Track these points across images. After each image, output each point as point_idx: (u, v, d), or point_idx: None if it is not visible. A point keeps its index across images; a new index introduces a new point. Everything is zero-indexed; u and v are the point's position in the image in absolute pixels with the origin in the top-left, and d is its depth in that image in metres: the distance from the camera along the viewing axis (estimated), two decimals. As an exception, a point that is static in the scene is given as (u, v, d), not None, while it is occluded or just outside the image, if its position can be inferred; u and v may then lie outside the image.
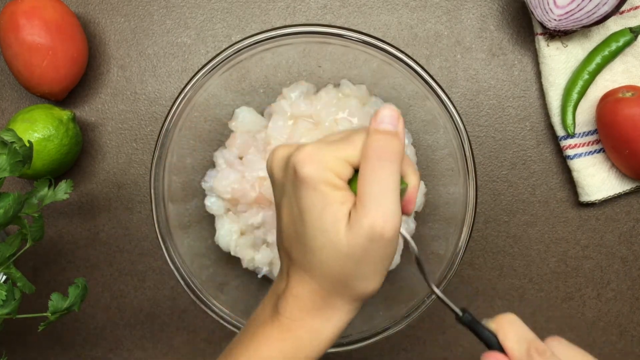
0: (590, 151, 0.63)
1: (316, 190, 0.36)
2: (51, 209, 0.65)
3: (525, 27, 0.64)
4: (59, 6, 0.60)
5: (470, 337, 0.39)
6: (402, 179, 0.40)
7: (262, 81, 0.60)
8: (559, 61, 0.63)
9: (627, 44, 0.61)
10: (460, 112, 0.63)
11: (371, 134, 0.38)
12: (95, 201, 0.65)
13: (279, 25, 0.63)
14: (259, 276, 0.60)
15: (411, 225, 0.59)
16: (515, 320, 0.38)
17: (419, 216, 0.60)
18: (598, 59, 0.61)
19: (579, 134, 0.63)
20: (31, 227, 0.52)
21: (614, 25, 0.62)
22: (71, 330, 0.66)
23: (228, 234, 0.58)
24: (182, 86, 0.56)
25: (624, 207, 0.65)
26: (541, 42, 0.63)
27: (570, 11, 0.59)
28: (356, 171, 0.38)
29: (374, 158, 0.36)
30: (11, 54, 0.59)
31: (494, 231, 0.65)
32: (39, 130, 0.58)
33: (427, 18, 0.64)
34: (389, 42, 0.54)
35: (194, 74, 0.54)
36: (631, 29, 0.61)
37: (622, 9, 0.62)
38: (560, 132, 0.63)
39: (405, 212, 0.41)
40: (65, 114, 0.60)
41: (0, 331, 0.52)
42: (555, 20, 0.60)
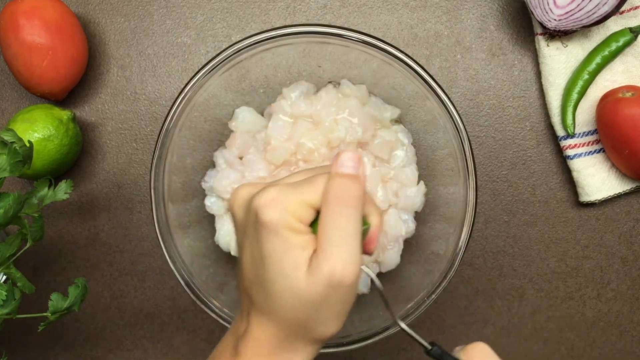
0: (590, 151, 0.63)
1: (277, 235, 0.36)
2: (51, 209, 0.65)
3: (525, 27, 0.64)
4: (59, 6, 0.60)
5: (470, 338, 0.39)
6: (364, 219, 0.40)
7: (262, 81, 0.60)
8: (559, 61, 0.63)
9: (627, 44, 0.61)
10: (460, 112, 0.63)
11: (332, 178, 0.37)
12: (95, 201, 0.65)
13: (279, 25, 0.63)
14: (259, 276, 0.60)
15: (411, 226, 0.59)
16: (485, 349, 0.38)
17: (419, 216, 0.60)
18: (598, 59, 0.61)
19: (579, 134, 0.63)
20: (31, 227, 0.52)
21: (614, 25, 0.62)
22: (71, 330, 0.66)
23: (228, 234, 0.58)
24: (182, 86, 0.56)
25: (624, 207, 0.65)
26: (541, 42, 0.63)
27: (570, 11, 0.59)
28: (319, 213, 0.38)
29: (333, 203, 0.36)
30: (11, 54, 0.59)
31: (494, 231, 0.65)
32: (39, 130, 0.58)
33: (427, 18, 0.64)
34: (389, 42, 0.54)
35: (194, 74, 0.54)
36: (631, 29, 0.61)
37: (622, 9, 0.62)
38: (560, 132, 0.63)
39: (366, 251, 0.41)
40: (65, 114, 0.60)
41: (0, 331, 0.52)
42: (555, 20, 0.60)
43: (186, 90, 0.54)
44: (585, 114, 0.63)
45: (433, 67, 0.64)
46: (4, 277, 0.61)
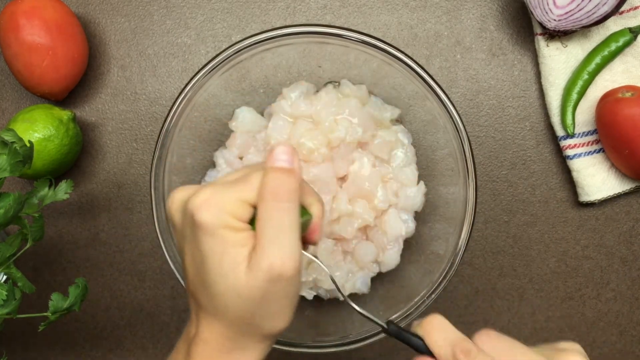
0: (590, 151, 0.63)
1: (214, 235, 0.36)
2: (51, 209, 0.65)
3: (525, 27, 0.64)
4: (59, 6, 0.60)
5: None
6: (305, 209, 0.40)
7: (262, 81, 0.60)
8: (559, 61, 0.63)
9: (627, 44, 0.61)
10: (460, 112, 0.63)
11: (266, 173, 0.37)
12: (95, 201, 0.65)
13: (279, 25, 0.63)
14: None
15: (411, 226, 0.59)
16: (441, 322, 0.38)
17: (419, 216, 0.60)
18: (598, 59, 0.61)
19: (579, 134, 0.63)
20: (31, 227, 0.52)
21: (614, 25, 0.62)
22: (71, 330, 0.66)
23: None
24: (182, 86, 0.56)
25: (623, 207, 0.65)
26: (541, 42, 0.63)
27: (570, 11, 0.59)
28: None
29: (268, 198, 0.36)
30: (11, 54, 0.59)
31: (494, 231, 0.65)
32: (39, 130, 0.59)
33: (427, 18, 0.64)
34: (388, 42, 0.54)
35: (194, 74, 0.55)
36: (631, 29, 0.61)
37: (622, 9, 0.62)
38: (560, 132, 0.63)
39: (310, 241, 0.41)
40: (65, 114, 0.60)
41: (0, 331, 0.52)
42: (555, 20, 0.60)
43: (186, 90, 0.54)
44: (585, 114, 0.63)
45: (433, 67, 0.64)
46: (4, 277, 0.61)
